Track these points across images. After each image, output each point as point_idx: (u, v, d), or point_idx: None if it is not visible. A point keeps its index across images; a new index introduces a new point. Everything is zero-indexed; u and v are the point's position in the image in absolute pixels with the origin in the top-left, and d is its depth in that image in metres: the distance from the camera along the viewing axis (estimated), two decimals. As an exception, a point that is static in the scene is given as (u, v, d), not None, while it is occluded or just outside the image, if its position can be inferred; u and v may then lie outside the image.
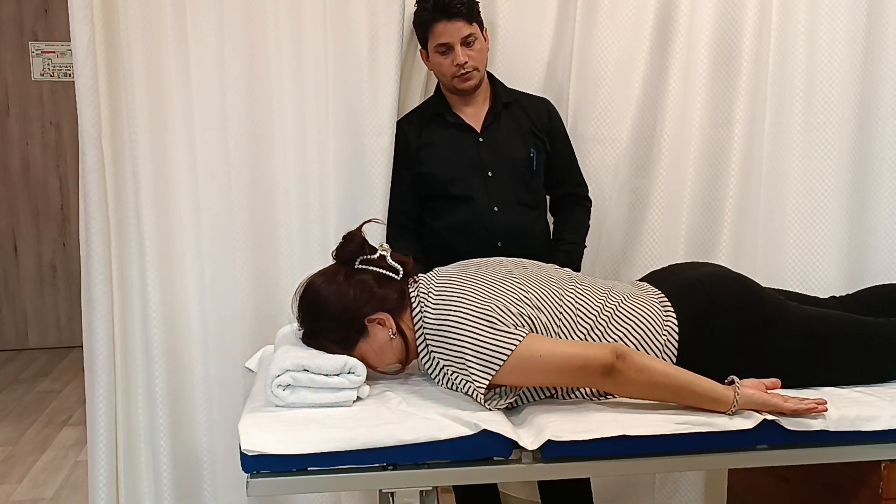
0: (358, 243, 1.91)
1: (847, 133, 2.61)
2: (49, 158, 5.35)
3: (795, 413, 1.71)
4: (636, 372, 1.71)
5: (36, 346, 5.46)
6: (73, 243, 5.38)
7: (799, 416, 1.71)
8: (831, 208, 2.63)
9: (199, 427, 2.51)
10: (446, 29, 2.32)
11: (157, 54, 2.37)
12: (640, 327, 1.87)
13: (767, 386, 1.77)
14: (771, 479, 2.26)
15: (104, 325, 2.32)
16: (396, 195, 2.49)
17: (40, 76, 5.27)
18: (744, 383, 1.75)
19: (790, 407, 1.71)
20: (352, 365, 1.78)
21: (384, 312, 1.85)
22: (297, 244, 2.49)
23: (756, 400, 1.72)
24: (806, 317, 1.94)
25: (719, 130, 2.61)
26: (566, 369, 1.72)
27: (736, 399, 1.71)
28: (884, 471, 1.79)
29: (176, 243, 2.45)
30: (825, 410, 1.72)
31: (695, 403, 1.74)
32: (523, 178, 2.45)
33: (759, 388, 1.75)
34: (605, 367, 1.71)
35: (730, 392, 1.72)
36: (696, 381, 1.73)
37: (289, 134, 2.46)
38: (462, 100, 2.45)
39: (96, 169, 2.27)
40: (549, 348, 1.74)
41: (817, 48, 2.59)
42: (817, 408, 1.71)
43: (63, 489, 3.28)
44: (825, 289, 2.49)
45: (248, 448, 1.58)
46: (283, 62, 2.42)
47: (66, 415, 4.15)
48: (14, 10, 5.20)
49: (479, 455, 1.66)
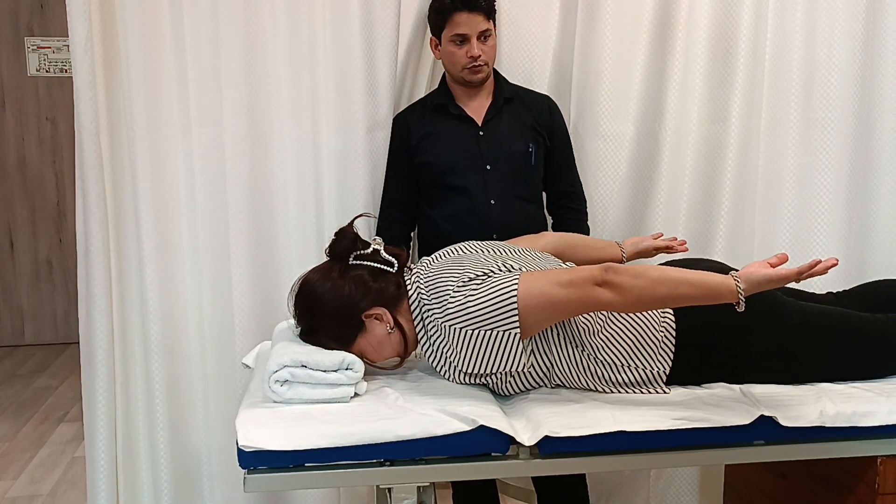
0: (350, 238, 1.92)
1: (845, 129, 2.61)
2: (45, 154, 5.34)
3: (800, 274, 1.63)
4: (632, 276, 1.69)
5: (32, 342, 5.46)
6: (69, 239, 5.37)
7: (806, 276, 1.62)
8: (828, 204, 2.64)
9: (197, 423, 2.52)
10: (466, 20, 2.35)
11: (155, 50, 2.37)
12: (637, 322, 1.87)
13: (772, 263, 1.67)
14: (767, 475, 2.27)
15: (102, 321, 2.32)
16: (392, 186, 2.52)
17: (36, 72, 5.26)
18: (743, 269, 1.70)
19: (795, 270, 1.63)
20: (349, 361, 1.78)
21: (381, 307, 1.86)
22: (295, 239, 2.49)
23: (758, 278, 1.64)
24: (802, 312, 1.94)
25: (716, 126, 2.62)
26: (570, 293, 1.71)
27: (738, 284, 1.65)
28: (880, 466, 1.79)
29: (173, 238, 2.45)
30: (833, 265, 1.63)
31: (698, 296, 1.69)
32: (521, 172, 2.46)
33: (761, 266, 1.67)
34: (597, 278, 1.69)
35: (728, 279, 1.67)
36: (691, 274, 1.70)
37: (286, 129, 2.46)
38: (466, 92, 2.47)
39: (94, 165, 2.27)
40: (545, 277, 1.75)
41: (815, 44, 2.59)
42: (823, 262, 1.63)
43: (60, 485, 3.28)
44: (822, 284, 2.49)
45: (246, 444, 1.58)
46: (280, 58, 2.42)
47: (63, 411, 4.15)
48: (10, 6, 5.19)
49: (476, 451, 1.66)
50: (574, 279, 1.72)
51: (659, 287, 1.69)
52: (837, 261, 1.65)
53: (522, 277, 1.76)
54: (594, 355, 1.85)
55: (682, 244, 2.31)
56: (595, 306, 1.74)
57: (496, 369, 1.78)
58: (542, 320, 1.76)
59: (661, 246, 2.31)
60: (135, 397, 2.47)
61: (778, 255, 1.69)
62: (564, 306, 1.74)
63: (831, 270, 1.65)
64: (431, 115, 2.49)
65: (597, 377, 1.86)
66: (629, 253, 2.28)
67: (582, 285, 1.71)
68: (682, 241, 2.31)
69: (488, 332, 1.74)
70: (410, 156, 2.48)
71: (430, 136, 2.47)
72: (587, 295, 1.71)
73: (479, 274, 1.79)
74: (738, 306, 1.67)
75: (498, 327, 1.73)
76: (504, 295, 1.73)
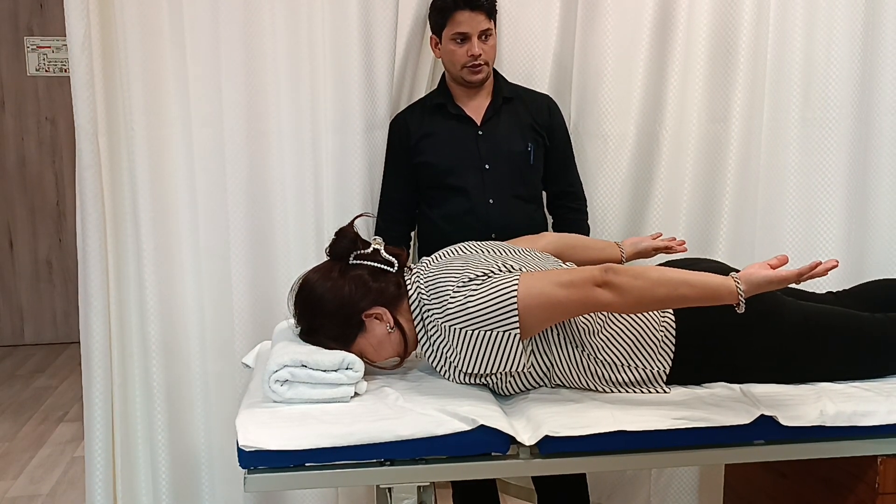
0: (350, 238, 1.92)
1: (845, 128, 2.61)
2: (45, 154, 5.33)
3: (801, 276, 1.62)
4: (632, 277, 1.68)
5: (32, 342, 5.45)
6: (69, 239, 5.37)
7: (806, 277, 1.62)
8: (829, 204, 2.64)
9: (197, 423, 2.51)
10: (468, 19, 2.35)
11: (154, 50, 2.37)
12: (637, 322, 1.87)
13: (773, 265, 1.67)
14: (767, 474, 2.27)
15: (101, 321, 2.32)
16: (391, 186, 2.52)
17: (35, 71, 5.26)
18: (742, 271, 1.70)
19: (795, 272, 1.63)
20: (349, 361, 1.78)
21: (381, 307, 1.86)
22: (294, 239, 2.49)
23: (758, 280, 1.64)
24: (802, 312, 1.94)
25: (717, 126, 2.62)
26: (569, 294, 1.71)
27: (738, 286, 1.65)
28: (880, 465, 1.79)
29: (172, 239, 2.45)
30: (833, 266, 1.63)
31: (697, 298, 1.69)
32: (520, 171, 2.46)
33: (761, 267, 1.67)
34: (597, 279, 1.69)
35: (729, 280, 1.67)
36: (691, 275, 1.70)
37: (284, 129, 2.46)
38: (465, 92, 2.47)
39: (93, 165, 2.27)
40: (545, 278, 1.75)
41: (815, 43, 2.59)
42: (823, 264, 1.63)
43: (60, 485, 3.28)
44: (822, 284, 2.49)
45: (246, 444, 1.58)
46: (279, 58, 2.42)
47: (63, 411, 4.14)
48: (9, 6, 5.18)
49: (476, 451, 1.66)
50: (574, 280, 1.72)
51: (659, 288, 1.68)
52: (838, 262, 1.65)
53: (522, 278, 1.76)
54: (594, 355, 1.85)
55: (680, 244, 2.31)
56: (595, 307, 1.74)
57: (496, 369, 1.78)
58: (541, 321, 1.76)
59: (661, 246, 2.30)
60: (134, 397, 2.46)
61: (778, 257, 1.69)
62: (564, 307, 1.74)
63: (831, 270, 1.65)
64: (430, 115, 2.49)
65: (597, 377, 1.86)
66: (628, 253, 2.28)
67: (582, 286, 1.71)
68: (682, 242, 2.31)
69: (488, 332, 1.74)
70: (410, 156, 2.48)
71: (429, 135, 2.47)
72: (587, 296, 1.71)
73: (479, 274, 1.79)
74: (737, 308, 1.67)
75: (498, 328, 1.73)
76: (504, 295, 1.73)
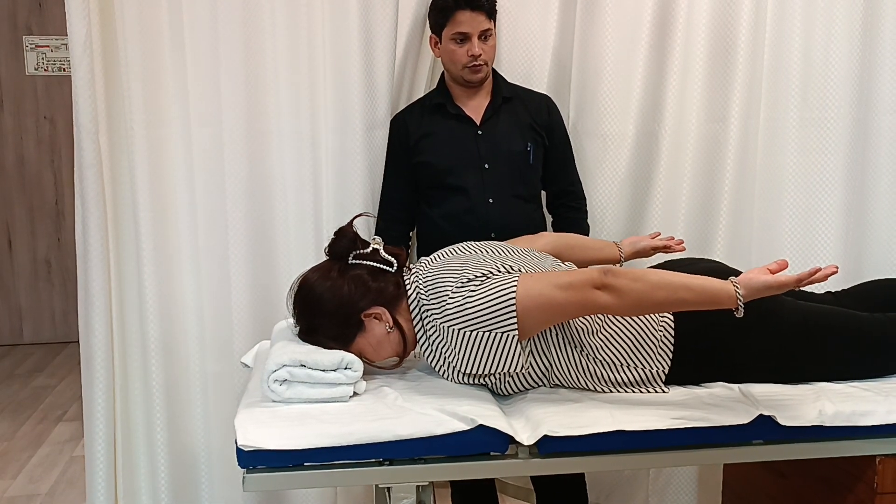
0: (350, 238, 1.92)
1: (843, 129, 2.62)
2: (43, 153, 5.33)
3: (800, 282, 1.63)
4: (631, 280, 1.68)
5: (31, 341, 5.45)
6: (67, 238, 5.37)
7: (805, 283, 1.63)
8: (827, 204, 2.64)
9: (196, 422, 2.51)
10: (468, 19, 2.35)
11: (154, 50, 2.37)
12: (636, 322, 1.87)
13: (772, 270, 1.67)
14: (766, 474, 2.27)
15: (101, 320, 2.32)
16: (391, 186, 2.52)
17: (34, 70, 5.25)
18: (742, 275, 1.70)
19: (794, 278, 1.63)
20: (348, 360, 1.78)
21: (380, 306, 1.86)
22: (294, 239, 2.49)
23: (758, 285, 1.64)
24: (801, 312, 1.94)
25: (716, 126, 2.62)
26: (568, 296, 1.70)
27: (737, 291, 1.65)
28: (879, 465, 1.79)
29: (172, 238, 2.45)
30: (833, 273, 1.64)
31: (696, 301, 1.68)
32: (520, 171, 2.47)
33: (760, 272, 1.67)
34: (596, 281, 1.68)
35: (728, 285, 1.67)
36: (691, 279, 1.70)
37: (284, 128, 2.46)
38: (465, 92, 2.48)
39: (93, 164, 2.27)
40: (544, 280, 1.75)
41: (813, 43, 2.60)
42: (822, 270, 1.63)
43: (59, 485, 3.28)
44: (821, 284, 2.49)
45: (245, 443, 1.58)
46: (279, 58, 2.42)
47: (62, 410, 4.14)
48: (8, 5, 5.18)
49: (475, 450, 1.66)
50: (573, 282, 1.72)
51: (658, 291, 1.68)
52: (837, 268, 1.65)
53: (521, 279, 1.76)
54: (593, 355, 1.85)
55: (679, 243, 2.31)
56: (593, 309, 1.73)
57: (494, 370, 1.78)
58: (540, 322, 1.76)
59: (659, 245, 2.30)
60: (134, 397, 2.46)
61: (777, 262, 1.69)
62: (563, 309, 1.74)
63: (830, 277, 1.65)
64: (430, 115, 2.49)
65: (596, 377, 1.86)
66: (627, 253, 2.28)
67: (581, 288, 1.70)
68: (680, 241, 2.31)
69: (486, 333, 1.74)
70: (409, 155, 2.48)
71: (428, 135, 2.47)
72: (586, 298, 1.70)
73: (478, 275, 1.79)
74: (736, 312, 1.67)
75: (496, 329, 1.73)
76: (503, 296, 1.73)
